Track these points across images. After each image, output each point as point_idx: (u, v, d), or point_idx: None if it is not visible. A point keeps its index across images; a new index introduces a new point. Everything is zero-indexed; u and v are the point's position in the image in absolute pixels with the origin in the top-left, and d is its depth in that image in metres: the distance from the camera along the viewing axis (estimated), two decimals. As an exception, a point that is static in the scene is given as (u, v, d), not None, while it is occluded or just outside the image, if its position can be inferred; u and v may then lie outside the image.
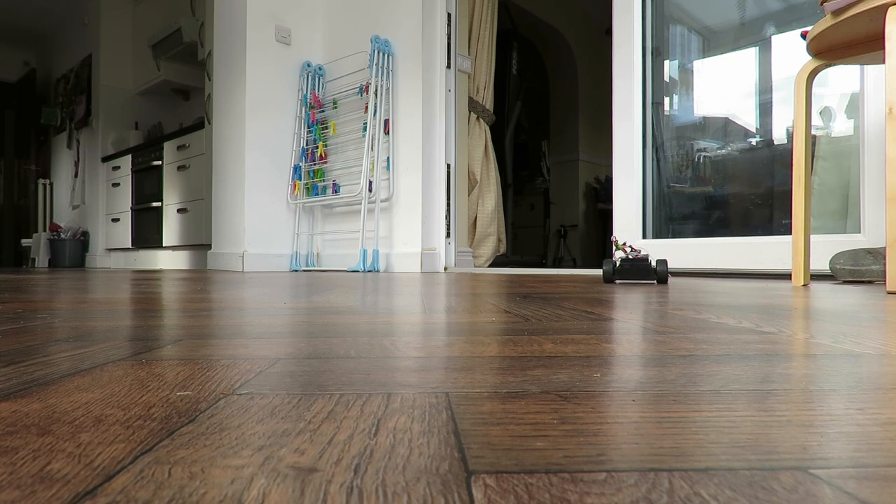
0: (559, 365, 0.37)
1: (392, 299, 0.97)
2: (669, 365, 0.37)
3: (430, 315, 0.70)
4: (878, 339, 0.49)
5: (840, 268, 1.53)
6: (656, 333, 0.53)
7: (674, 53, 2.40)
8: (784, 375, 0.34)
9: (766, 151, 2.16)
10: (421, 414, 0.26)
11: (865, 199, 1.75)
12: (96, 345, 0.46)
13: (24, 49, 6.53)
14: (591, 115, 5.14)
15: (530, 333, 0.53)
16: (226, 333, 0.53)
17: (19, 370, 0.36)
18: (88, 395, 0.29)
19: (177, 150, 4.21)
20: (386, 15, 3.03)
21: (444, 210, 2.97)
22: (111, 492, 0.17)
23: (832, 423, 0.25)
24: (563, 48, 5.08)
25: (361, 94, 3.07)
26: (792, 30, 2.08)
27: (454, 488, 0.17)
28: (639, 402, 0.28)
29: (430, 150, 2.93)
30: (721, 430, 0.23)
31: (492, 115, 3.40)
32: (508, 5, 4.56)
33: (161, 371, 0.36)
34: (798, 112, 1.47)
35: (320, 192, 3.27)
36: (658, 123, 2.41)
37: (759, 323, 0.61)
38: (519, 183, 5.32)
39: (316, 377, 0.34)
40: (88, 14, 5.29)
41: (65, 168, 5.78)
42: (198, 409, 0.27)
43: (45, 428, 0.24)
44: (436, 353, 0.42)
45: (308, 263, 3.29)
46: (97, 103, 5.16)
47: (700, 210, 2.30)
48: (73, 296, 1.05)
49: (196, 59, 4.47)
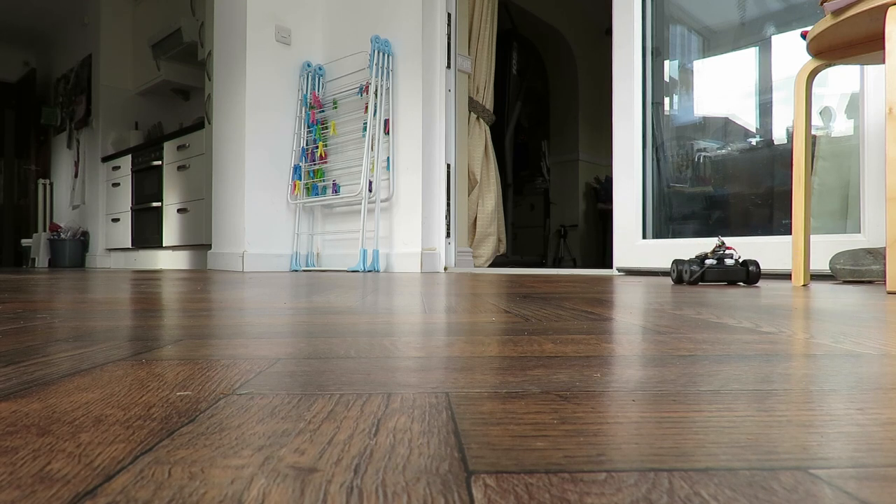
0: (559, 365, 0.37)
1: (392, 299, 0.97)
2: (669, 365, 0.37)
3: (430, 315, 0.70)
4: (879, 339, 0.49)
5: (840, 268, 1.53)
6: (656, 333, 0.53)
7: (674, 53, 2.40)
8: (784, 375, 0.34)
9: (766, 151, 2.16)
10: (421, 414, 0.26)
11: (865, 199, 1.75)
12: (96, 345, 0.46)
13: (24, 49, 6.53)
14: (591, 115, 5.14)
15: (530, 333, 0.53)
16: (226, 333, 0.53)
17: (19, 370, 0.36)
18: (88, 395, 0.29)
19: (177, 150, 4.21)
20: (386, 15, 3.04)
21: (444, 210, 2.97)
22: (111, 492, 0.17)
23: (832, 423, 0.25)
24: (563, 48, 5.08)
25: (361, 94, 3.07)
26: (792, 30, 2.08)
27: (454, 488, 0.17)
28: (639, 402, 0.28)
29: (430, 150, 2.93)
30: (721, 430, 0.23)
31: (492, 115, 3.40)
32: (508, 5, 4.56)
33: (161, 371, 0.36)
34: (798, 112, 1.47)
35: (320, 192, 3.27)
36: (658, 123, 2.41)
37: (759, 323, 0.61)
38: (519, 183, 5.32)
39: (316, 377, 0.34)
40: (88, 14, 5.29)
41: (65, 168, 5.78)
42: (198, 409, 0.27)
43: (45, 428, 0.24)
44: (436, 353, 0.42)
45: (308, 263, 3.29)
46: (97, 103, 5.16)
47: (700, 210, 2.30)
48: (72, 296, 1.05)
49: (196, 59, 4.47)
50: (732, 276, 1.43)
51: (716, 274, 1.43)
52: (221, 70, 3.30)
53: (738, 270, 1.42)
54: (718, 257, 1.44)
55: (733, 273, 1.42)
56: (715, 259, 1.44)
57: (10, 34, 6.16)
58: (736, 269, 1.42)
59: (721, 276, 1.43)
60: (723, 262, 1.43)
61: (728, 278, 1.43)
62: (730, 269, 1.42)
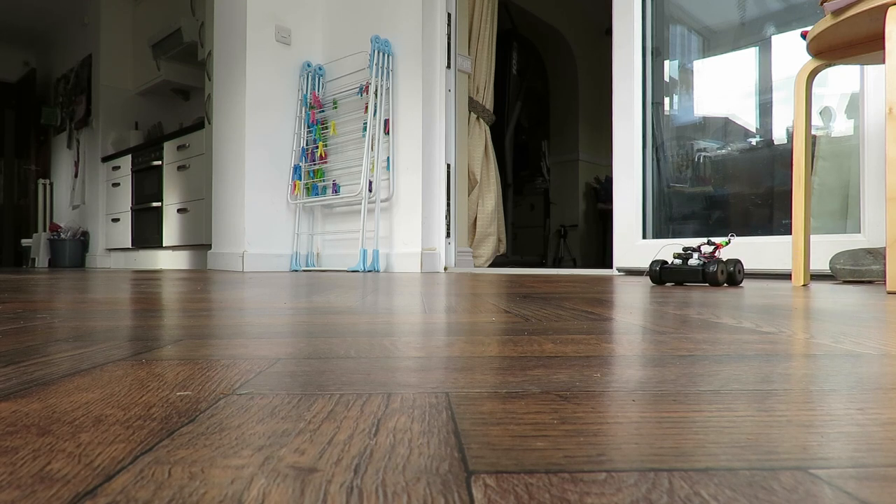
0: (559, 365, 0.37)
1: (392, 299, 0.97)
2: (669, 365, 0.37)
3: (430, 315, 0.70)
4: (879, 339, 0.49)
5: (840, 268, 1.53)
6: (656, 333, 0.53)
7: (674, 53, 2.40)
8: (784, 375, 0.34)
9: (766, 151, 2.16)
10: (421, 414, 0.26)
11: (865, 199, 1.75)
12: (96, 345, 0.46)
13: (24, 49, 6.53)
14: (591, 115, 5.14)
15: (530, 333, 0.53)
16: (226, 333, 0.53)
17: (19, 370, 0.36)
18: (88, 395, 0.29)
19: (177, 150, 4.21)
20: (386, 15, 3.04)
21: (444, 210, 2.97)
22: (111, 492, 0.17)
23: (832, 423, 0.25)
24: (563, 48, 5.08)
25: (361, 94, 3.07)
26: (792, 30, 2.08)
27: (454, 488, 0.17)
28: (639, 402, 0.28)
29: (430, 150, 2.93)
30: (721, 430, 0.23)
31: (492, 115, 3.40)
32: (508, 5, 4.56)
33: (161, 371, 0.36)
34: (798, 112, 1.47)
35: (320, 192, 3.27)
36: (658, 123, 2.41)
37: (759, 323, 0.61)
38: (519, 183, 5.32)
39: (316, 377, 0.34)
40: (88, 14, 5.29)
41: (65, 168, 5.78)
42: (198, 409, 0.27)
43: (45, 428, 0.24)
44: (436, 353, 0.42)
45: (308, 263, 3.29)
46: (97, 103, 5.16)
47: (700, 210, 2.30)
48: (72, 296, 1.05)
49: (196, 59, 4.47)
50: (688, 277, 1.36)
51: (671, 274, 1.38)
52: (221, 70, 3.30)
53: (696, 272, 1.34)
54: (684, 257, 1.37)
55: (689, 274, 1.35)
56: (680, 259, 1.38)
57: (10, 34, 6.16)
58: (694, 270, 1.34)
59: (675, 276, 1.37)
60: (687, 262, 1.37)
61: (685, 279, 1.37)
62: (684, 270, 1.35)
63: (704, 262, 1.34)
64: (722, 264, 1.35)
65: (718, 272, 1.33)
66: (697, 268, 1.34)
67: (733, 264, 1.34)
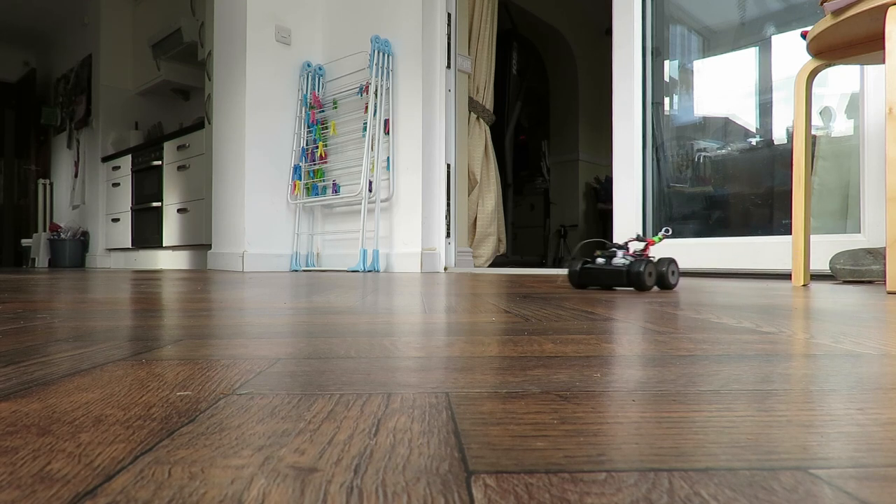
0: (559, 365, 0.37)
1: (392, 299, 0.97)
2: (669, 365, 0.37)
3: (430, 315, 0.70)
4: (879, 339, 0.49)
5: (840, 268, 1.53)
6: (656, 333, 0.53)
7: (674, 53, 2.40)
8: (784, 375, 0.34)
9: (766, 151, 2.16)
10: (421, 414, 0.26)
11: (865, 199, 1.75)
12: (96, 345, 0.46)
13: (24, 49, 6.53)
14: (591, 115, 5.14)
15: (530, 333, 0.53)
16: (226, 333, 0.53)
17: (19, 370, 0.36)
18: (88, 395, 0.29)
19: (177, 150, 4.21)
20: (386, 15, 3.03)
21: (444, 210, 2.97)
22: (111, 492, 0.17)
23: (832, 423, 0.25)
24: (563, 48, 5.08)
25: (361, 94, 3.07)
26: (792, 30, 2.08)
27: (454, 488, 0.17)
28: (639, 402, 0.28)
29: (430, 150, 2.93)
30: (721, 430, 0.23)
31: (492, 115, 3.40)
32: (508, 5, 4.56)
33: (161, 371, 0.36)
34: (798, 112, 1.47)
35: (320, 192, 3.27)
36: (658, 123, 2.41)
37: (759, 323, 0.61)
38: (519, 183, 5.32)
39: (316, 377, 0.34)
40: (88, 14, 5.29)
41: (65, 168, 5.78)
42: (198, 409, 0.27)
43: (45, 428, 0.24)
44: (436, 353, 0.42)
45: (308, 263, 3.29)
46: (97, 103, 5.16)
47: (700, 210, 2.30)
48: (72, 296, 1.05)
49: (196, 59, 4.47)
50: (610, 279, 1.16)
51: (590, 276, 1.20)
52: (221, 70, 3.30)
53: (618, 273, 1.15)
54: (607, 256, 1.18)
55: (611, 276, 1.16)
56: (604, 258, 1.19)
57: (10, 34, 6.15)
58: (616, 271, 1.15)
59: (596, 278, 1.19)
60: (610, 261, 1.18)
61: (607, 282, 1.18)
62: (606, 271, 1.16)
63: (631, 262, 1.15)
64: (651, 264, 1.15)
65: (646, 274, 1.13)
66: (621, 268, 1.15)
67: (665, 264, 1.16)
